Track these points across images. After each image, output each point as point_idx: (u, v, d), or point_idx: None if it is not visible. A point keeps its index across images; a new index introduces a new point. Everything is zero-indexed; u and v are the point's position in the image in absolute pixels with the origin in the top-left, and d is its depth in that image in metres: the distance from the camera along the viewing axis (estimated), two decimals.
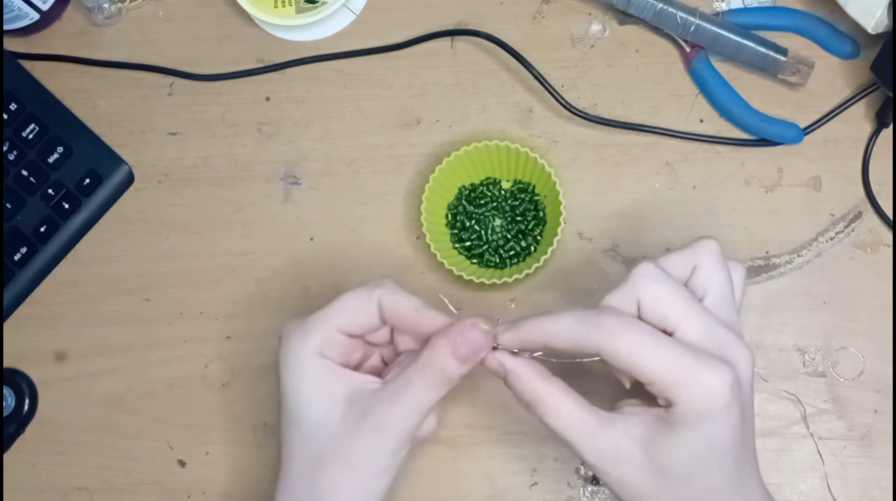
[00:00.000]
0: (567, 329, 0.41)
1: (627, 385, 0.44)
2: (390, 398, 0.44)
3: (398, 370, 0.45)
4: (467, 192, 0.58)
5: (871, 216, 0.56)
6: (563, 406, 0.42)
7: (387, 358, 0.49)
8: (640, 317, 0.41)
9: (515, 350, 0.43)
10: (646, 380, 0.40)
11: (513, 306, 0.56)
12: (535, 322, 0.42)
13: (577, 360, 0.42)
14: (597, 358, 0.42)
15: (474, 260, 0.57)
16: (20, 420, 0.58)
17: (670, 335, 0.41)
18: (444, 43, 0.61)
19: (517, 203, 0.57)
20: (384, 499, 0.45)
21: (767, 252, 0.56)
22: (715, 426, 0.39)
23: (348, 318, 0.46)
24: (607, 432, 0.41)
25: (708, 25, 0.56)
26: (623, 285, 0.42)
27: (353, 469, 0.43)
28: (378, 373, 0.47)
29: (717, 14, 0.58)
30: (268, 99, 0.61)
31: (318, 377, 0.45)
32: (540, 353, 0.44)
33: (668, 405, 0.40)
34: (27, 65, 0.63)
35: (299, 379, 0.45)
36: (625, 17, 0.59)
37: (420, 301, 0.46)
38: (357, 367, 0.47)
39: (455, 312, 0.46)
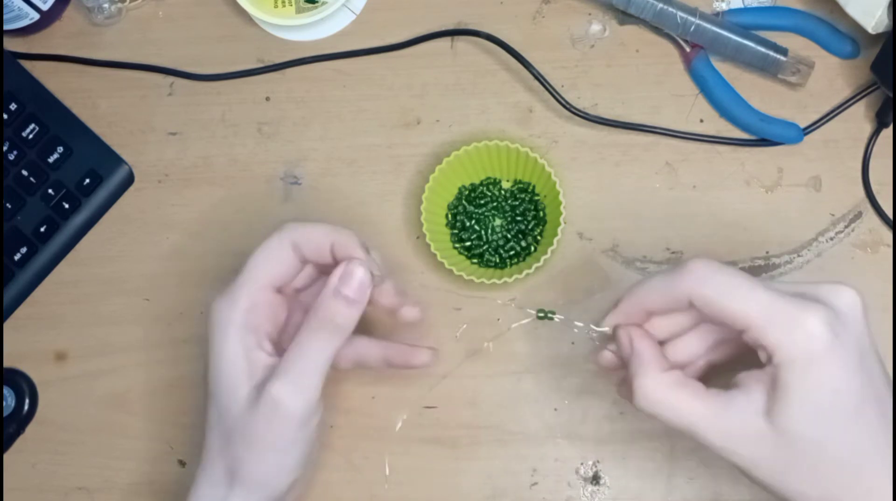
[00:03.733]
0: (658, 287, 0.42)
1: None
2: (285, 369, 0.44)
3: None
4: (467, 192, 0.58)
5: (871, 216, 0.56)
6: (680, 394, 0.40)
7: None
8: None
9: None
10: (739, 325, 0.39)
11: (513, 306, 0.56)
12: (630, 296, 0.44)
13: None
14: None
15: (474, 260, 0.57)
16: (20, 420, 0.58)
17: None
18: (444, 43, 0.61)
19: (517, 203, 0.57)
20: (304, 466, 0.46)
21: (767, 252, 0.56)
22: (824, 373, 0.37)
23: (268, 271, 0.46)
24: (730, 410, 0.39)
25: (708, 25, 0.56)
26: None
27: (258, 448, 0.44)
28: None
29: (717, 14, 0.58)
30: (268, 99, 0.61)
31: (233, 356, 0.45)
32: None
33: (768, 357, 0.38)
34: (27, 65, 0.63)
35: (218, 357, 0.45)
36: (625, 17, 0.59)
37: (328, 225, 0.46)
38: (285, 326, 0.48)
39: None
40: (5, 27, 0.61)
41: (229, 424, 0.44)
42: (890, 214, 0.55)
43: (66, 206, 0.60)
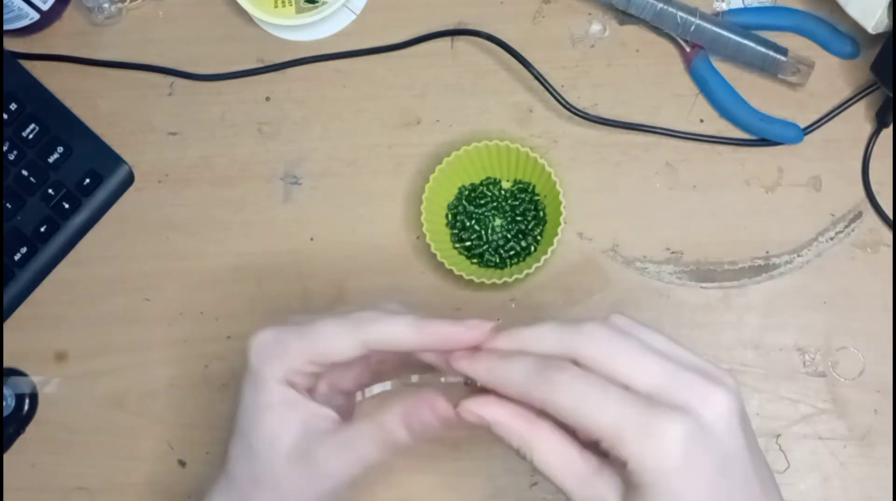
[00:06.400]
0: (518, 378, 0.39)
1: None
2: (334, 447, 0.43)
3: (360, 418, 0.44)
4: (467, 192, 0.58)
5: (871, 216, 0.56)
6: (552, 452, 0.38)
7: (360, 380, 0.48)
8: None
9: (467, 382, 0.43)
10: (592, 437, 0.36)
11: (513, 306, 0.56)
12: (491, 365, 0.40)
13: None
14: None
15: (474, 260, 0.57)
16: (20, 420, 0.58)
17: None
18: (444, 43, 0.61)
19: (517, 203, 0.57)
20: None
21: (767, 252, 0.56)
22: (675, 488, 0.35)
23: (325, 350, 0.44)
24: (594, 482, 0.38)
25: (708, 25, 0.56)
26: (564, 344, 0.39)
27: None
28: (346, 392, 0.47)
29: (717, 14, 0.58)
30: (268, 99, 0.61)
31: (277, 403, 0.44)
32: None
33: (623, 465, 0.36)
34: (27, 65, 0.63)
35: (259, 401, 0.44)
36: (625, 17, 0.59)
37: (412, 320, 0.43)
38: (322, 387, 0.47)
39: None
40: (5, 27, 0.61)
41: (262, 472, 0.44)
42: (890, 214, 0.55)
43: (66, 206, 0.60)
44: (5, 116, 0.61)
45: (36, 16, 0.62)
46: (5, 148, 0.60)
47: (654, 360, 0.37)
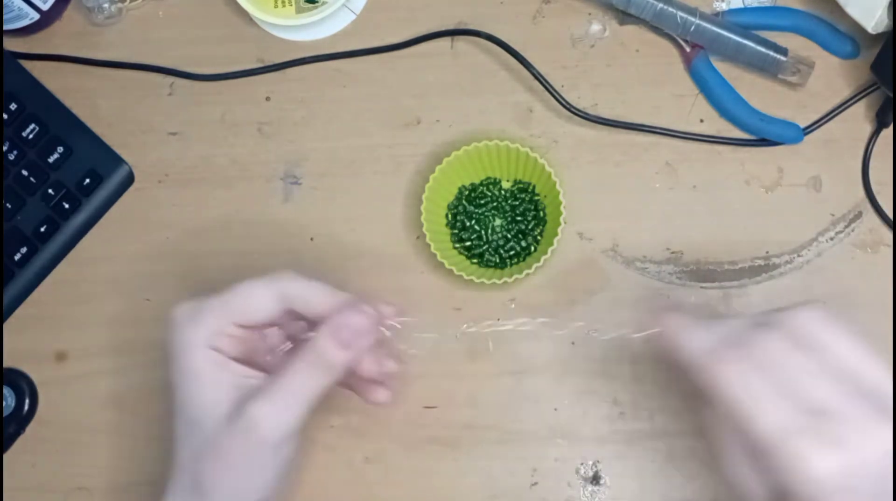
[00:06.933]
0: (695, 347, 0.38)
1: None
2: (269, 393, 0.42)
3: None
4: (467, 192, 0.58)
5: (871, 216, 0.56)
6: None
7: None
8: None
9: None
10: (748, 434, 0.36)
11: (513, 306, 0.56)
12: (681, 323, 0.41)
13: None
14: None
15: (474, 260, 0.57)
16: (20, 420, 0.58)
17: None
18: (444, 43, 0.61)
19: (517, 203, 0.57)
20: (271, 495, 0.44)
21: (767, 252, 0.56)
22: None
23: (244, 310, 0.44)
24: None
25: (708, 25, 0.56)
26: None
27: (229, 465, 0.42)
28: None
29: (717, 14, 0.58)
30: (268, 99, 0.61)
31: (205, 369, 0.43)
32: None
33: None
34: (27, 65, 0.63)
35: (186, 370, 0.44)
36: (625, 17, 0.59)
37: (327, 286, 0.44)
38: (256, 358, 0.46)
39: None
40: (5, 27, 0.61)
41: (201, 438, 0.43)
42: (890, 214, 0.55)
43: (67, 206, 0.60)
44: (5, 116, 0.61)
45: (36, 16, 0.62)
46: (5, 148, 0.60)
47: (820, 385, 0.36)
